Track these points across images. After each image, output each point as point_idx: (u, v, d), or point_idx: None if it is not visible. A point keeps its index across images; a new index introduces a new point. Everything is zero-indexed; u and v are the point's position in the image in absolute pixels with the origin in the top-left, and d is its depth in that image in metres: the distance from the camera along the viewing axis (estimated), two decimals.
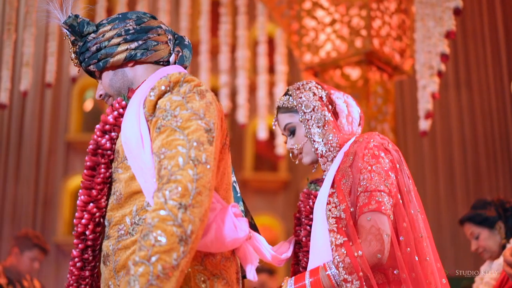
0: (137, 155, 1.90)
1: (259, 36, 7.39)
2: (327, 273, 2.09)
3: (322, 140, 2.33)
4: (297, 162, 2.46)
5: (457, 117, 8.40)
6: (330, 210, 2.20)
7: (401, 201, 2.19)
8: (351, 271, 2.05)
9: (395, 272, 2.14)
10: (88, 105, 9.78)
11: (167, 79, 1.91)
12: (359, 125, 2.45)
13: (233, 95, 7.11)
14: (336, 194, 2.21)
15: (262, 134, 7.26)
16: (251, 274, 2.02)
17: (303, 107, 2.37)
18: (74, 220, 2.00)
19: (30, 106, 8.23)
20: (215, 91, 7.21)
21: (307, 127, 2.35)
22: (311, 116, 2.35)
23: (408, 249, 2.15)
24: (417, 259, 2.15)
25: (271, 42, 7.91)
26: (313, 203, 2.48)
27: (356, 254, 2.06)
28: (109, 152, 2.00)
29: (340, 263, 2.07)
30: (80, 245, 1.98)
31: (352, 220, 2.16)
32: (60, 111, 9.12)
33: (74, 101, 9.39)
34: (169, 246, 1.69)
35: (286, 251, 2.38)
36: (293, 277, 2.17)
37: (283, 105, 2.44)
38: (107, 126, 2.02)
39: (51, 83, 6.62)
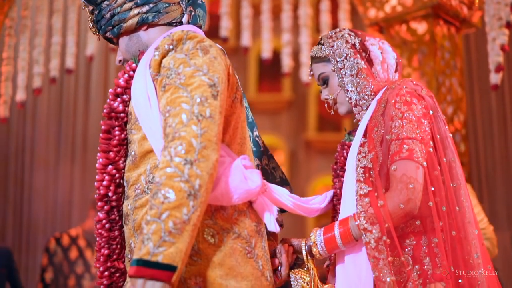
0: (146, 115, 1.92)
1: None
2: (356, 223, 2.06)
3: (356, 89, 2.27)
4: (332, 112, 2.41)
5: None
6: (359, 160, 2.17)
7: (431, 149, 2.12)
8: (373, 221, 2.01)
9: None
10: None
11: (170, 38, 1.92)
12: (396, 71, 2.37)
13: (295, 54, 7.03)
14: (367, 143, 2.16)
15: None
16: (272, 226, 2.02)
17: (335, 56, 2.31)
18: (96, 183, 2.04)
19: (96, 71, 8.34)
20: (278, 50, 7.16)
21: (340, 76, 2.30)
22: (344, 65, 2.29)
23: (437, 198, 2.10)
24: (444, 209, 2.09)
25: None
26: (347, 153, 2.44)
27: (379, 204, 2.02)
28: (122, 114, 2.03)
29: (362, 213, 2.04)
30: (105, 207, 2.02)
31: (381, 169, 2.11)
32: None
33: None
34: (178, 201, 1.71)
35: (320, 202, 2.34)
36: (322, 227, 2.14)
37: (316, 55, 2.38)
38: (119, 89, 2.05)
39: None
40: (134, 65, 2.06)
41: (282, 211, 2.30)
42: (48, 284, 6.16)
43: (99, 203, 2.03)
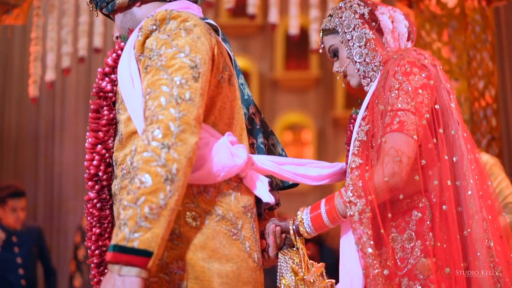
0: (130, 96, 1.90)
1: None
2: (341, 199, 2.02)
3: (364, 60, 2.20)
4: (343, 85, 2.37)
5: None
6: (358, 133, 2.12)
7: (425, 122, 2.05)
8: (360, 194, 1.97)
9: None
10: None
11: (153, 18, 1.89)
12: (409, 40, 2.29)
13: None
14: (367, 116, 2.12)
15: None
16: (266, 197, 1.99)
17: (343, 27, 2.24)
18: (85, 163, 2.02)
19: None
20: (305, 27, 7.12)
21: (348, 47, 2.23)
22: (352, 36, 2.22)
23: (430, 172, 2.06)
24: (436, 183, 2.04)
25: None
26: (353, 127, 2.40)
27: (367, 177, 1.98)
28: (110, 94, 2.01)
29: (350, 186, 1.99)
30: (96, 186, 2.00)
31: (375, 142, 2.06)
32: None
33: None
34: (155, 186, 1.69)
35: (326, 166, 2.23)
36: (309, 206, 2.09)
37: (325, 27, 2.32)
38: (107, 69, 2.02)
39: None
40: (123, 43, 2.03)
41: (278, 188, 2.27)
42: (81, 262, 6.24)
43: (90, 183, 2.01)
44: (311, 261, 2.10)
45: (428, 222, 2.05)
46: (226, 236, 1.90)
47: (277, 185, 2.25)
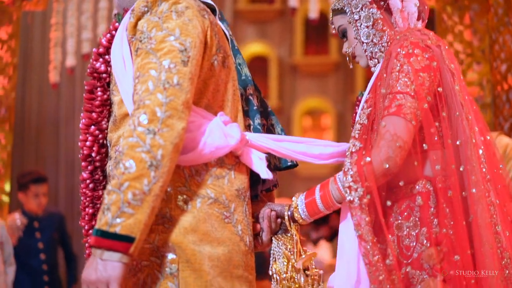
0: (123, 78, 1.88)
1: None
2: (336, 185, 1.99)
3: (372, 41, 2.16)
4: (351, 66, 2.33)
5: None
6: (359, 116, 2.09)
7: (427, 105, 2.00)
8: (356, 179, 1.93)
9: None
10: None
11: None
12: (419, 19, 2.22)
13: None
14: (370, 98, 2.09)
15: None
16: (263, 173, 1.97)
17: (351, 7, 2.19)
18: (79, 143, 2.02)
19: None
20: (325, 11, 7.07)
21: (355, 28, 2.19)
22: (360, 16, 2.17)
23: (434, 157, 2.01)
24: (438, 167, 2.00)
25: None
26: None
27: (362, 163, 1.94)
28: (104, 75, 1.99)
29: (350, 170, 1.95)
30: (89, 167, 2.01)
31: (375, 125, 2.02)
32: None
33: None
34: (139, 172, 1.69)
35: (330, 145, 2.17)
36: (305, 192, 2.06)
37: (335, 7, 2.28)
38: (101, 49, 2.01)
39: None
40: (117, 24, 2.01)
41: (276, 169, 2.23)
42: None
43: (83, 163, 2.02)
44: (304, 248, 2.07)
45: (432, 209, 2.02)
46: (219, 219, 1.89)
47: (275, 165, 2.22)
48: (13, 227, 5.22)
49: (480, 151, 2.06)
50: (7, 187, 5.52)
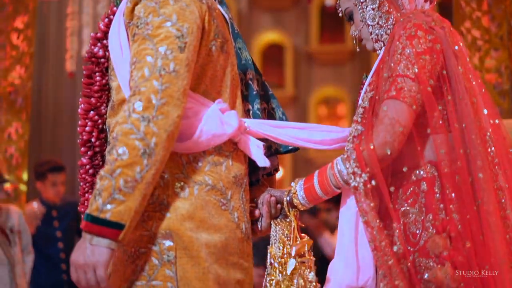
0: (120, 63, 1.87)
1: None
2: (333, 171, 1.97)
3: (378, 23, 2.13)
4: (358, 49, 2.30)
5: None
6: (362, 100, 2.07)
7: (430, 88, 1.97)
8: (357, 164, 1.91)
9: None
10: None
11: None
12: (427, 1, 2.17)
13: None
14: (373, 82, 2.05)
15: None
16: (261, 161, 1.96)
17: None
18: (78, 129, 2.03)
19: None
20: None
21: (361, 10, 2.15)
22: None
23: (438, 140, 1.98)
24: (443, 152, 1.97)
25: None
26: None
27: (361, 148, 1.92)
28: (102, 60, 1.98)
29: (352, 155, 1.93)
30: (88, 152, 2.01)
31: (376, 109, 1.99)
32: None
33: None
34: (131, 159, 1.69)
35: (335, 130, 2.14)
36: (304, 178, 2.05)
37: None
38: (99, 34, 2.00)
39: None
40: (115, 8, 2.00)
41: (277, 153, 2.21)
42: None
43: (82, 148, 2.02)
44: (302, 235, 2.05)
45: (437, 195, 1.99)
46: (216, 206, 1.88)
47: (276, 150, 2.20)
48: (32, 216, 5.25)
49: (488, 134, 2.03)
50: (25, 176, 5.55)
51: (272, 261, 2.02)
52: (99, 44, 2.00)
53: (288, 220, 2.06)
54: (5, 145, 5.43)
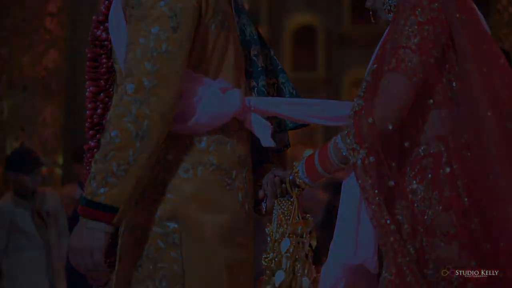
0: (119, 46, 1.85)
1: None
2: (334, 148, 1.93)
3: None
4: (373, 21, 2.24)
5: None
6: (367, 74, 1.99)
7: (432, 60, 1.91)
8: (356, 140, 1.87)
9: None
10: None
11: None
12: None
13: None
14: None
15: None
16: (266, 141, 1.94)
17: None
18: (87, 112, 1.99)
19: None
20: None
21: None
22: None
23: (443, 114, 1.92)
24: (449, 126, 1.91)
25: None
26: None
27: (361, 123, 1.87)
28: (106, 42, 1.96)
29: (352, 131, 1.89)
30: (97, 135, 1.98)
31: (378, 82, 1.92)
32: None
33: None
34: (124, 142, 1.67)
35: (344, 106, 2.07)
36: (306, 157, 2.01)
37: None
38: (101, 17, 1.97)
39: None
40: None
41: (289, 128, 2.18)
42: None
43: (90, 132, 2.00)
44: (304, 214, 2.02)
45: (443, 170, 1.93)
46: (220, 186, 1.86)
47: (286, 126, 2.17)
48: (69, 199, 5.30)
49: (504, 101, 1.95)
50: (60, 160, 5.61)
51: (269, 239, 2.00)
52: (101, 27, 1.98)
53: (292, 199, 2.04)
54: (40, 129, 5.49)
